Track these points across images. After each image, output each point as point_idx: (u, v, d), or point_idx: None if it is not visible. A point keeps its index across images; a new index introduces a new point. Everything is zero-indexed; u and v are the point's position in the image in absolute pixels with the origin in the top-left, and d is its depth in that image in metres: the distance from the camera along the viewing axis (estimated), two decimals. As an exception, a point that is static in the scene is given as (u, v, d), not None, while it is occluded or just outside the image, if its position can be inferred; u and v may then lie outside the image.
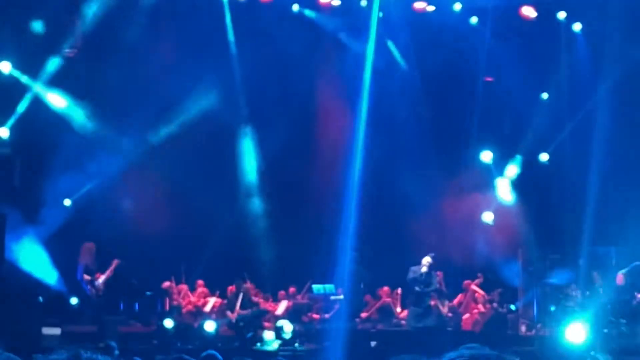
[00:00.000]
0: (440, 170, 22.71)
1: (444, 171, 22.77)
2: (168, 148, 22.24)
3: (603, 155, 22.31)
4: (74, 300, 19.55)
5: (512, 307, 21.74)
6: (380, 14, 23.01)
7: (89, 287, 19.11)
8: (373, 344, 18.81)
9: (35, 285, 19.21)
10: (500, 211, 23.02)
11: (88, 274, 19.18)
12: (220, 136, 22.72)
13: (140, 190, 21.95)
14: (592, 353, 15.97)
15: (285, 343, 18.27)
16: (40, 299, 19.01)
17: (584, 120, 22.86)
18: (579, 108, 22.93)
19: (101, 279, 19.25)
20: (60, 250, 20.04)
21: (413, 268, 19.87)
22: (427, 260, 19.86)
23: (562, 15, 23.12)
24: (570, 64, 23.14)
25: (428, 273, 19.86)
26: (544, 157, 23.47)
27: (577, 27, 23.24)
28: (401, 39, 23.40)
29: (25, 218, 20.27)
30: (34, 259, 20.14)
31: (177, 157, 22.24)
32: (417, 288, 19.84)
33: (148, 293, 20.27)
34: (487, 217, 23.29)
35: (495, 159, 23.60)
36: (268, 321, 21.06)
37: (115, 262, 19.58)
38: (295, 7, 23.15)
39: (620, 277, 21.07)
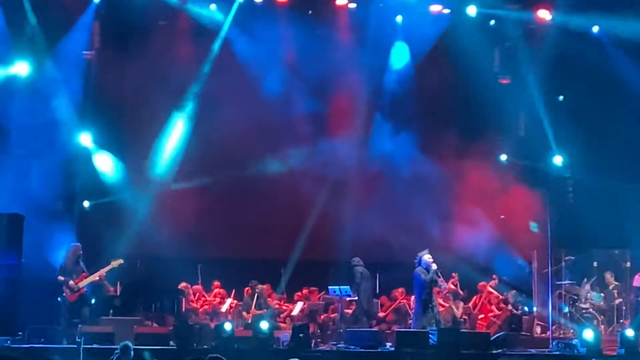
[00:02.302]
0: (456, 170, 22.83)
1: (459, 172, 22.87)
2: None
3: (618, 155, 22.35)
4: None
5: (526, 308, 21.75)
6: (400, 17, 23.15)
7: (63, 287, 19.10)
8: (389, 345, 18.85)
9: (53, 285, 19.31)
10: (515, 212, 23.01)
11: (64, 275, 19.18)
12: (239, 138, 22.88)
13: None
14: None
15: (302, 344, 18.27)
16: (59, 299, 19.10)
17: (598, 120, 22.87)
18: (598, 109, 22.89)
19: (83, 282, 19.18)
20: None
21: (420, 269, 19.63)
22: (429, 257, 19.62)
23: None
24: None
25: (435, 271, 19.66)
26: (557, 159, 23.40)
27: (595, 29, 23.22)
28: (418, 41, 23.50)
29: (43, 218, 20.45)
30: (52, 259, 20.28)
31: (196, 160, 22.53)
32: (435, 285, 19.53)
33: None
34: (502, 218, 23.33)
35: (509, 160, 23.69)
36: (284, 322, 21.18)
37: (105, 268, 19.59)
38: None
39: (637, 278, 21.09)
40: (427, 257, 19.39)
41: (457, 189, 22.85)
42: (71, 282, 18.96)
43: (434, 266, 19.26)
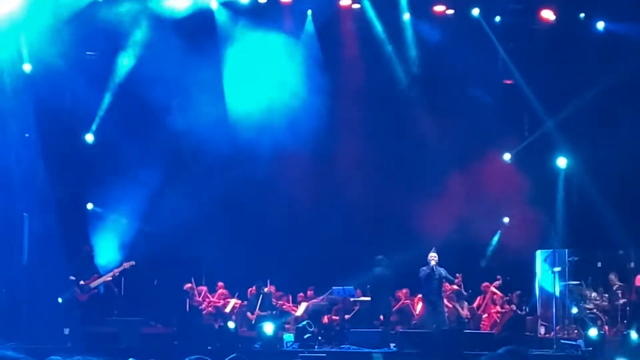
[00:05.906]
0: (460, 171, 22.82)
1: (464, 173, 22.86)
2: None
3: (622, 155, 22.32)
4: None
5: (526, 308, 21.66)
6: (408, 16, 23.12)
7: (74, 288, 19.16)
8: (392, 345, 18.87)
9: (57, 286, 19.37)
10: (520, 212, 22.98)
11: (76, 275, 19.24)
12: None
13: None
14: None
15: (305, 344, 18.31)
16: (60, 300, 19.13)
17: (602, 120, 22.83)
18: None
19: (96, 282, 19.24)
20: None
21: (424, 268, 19.73)
22: (433, 255, 19.71)
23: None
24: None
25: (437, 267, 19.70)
26: (561, 160, 23.39)
27: (600, 25, 23.12)
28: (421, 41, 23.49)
29: (47, 219, 20.48)
30: (57, 260, 20.33)
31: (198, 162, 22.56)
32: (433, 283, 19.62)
33: None
34: (505, 219, 23.34)
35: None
36: (288, 323, 21.18)
37: (117, 269, 19.67)
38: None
39: (639, 278, 21.11)
40: (431, 255, 19.55)
41: (461, 188, 22.81)
42: (81, 282, 18.99)
43: (433, 262, 19.42)
